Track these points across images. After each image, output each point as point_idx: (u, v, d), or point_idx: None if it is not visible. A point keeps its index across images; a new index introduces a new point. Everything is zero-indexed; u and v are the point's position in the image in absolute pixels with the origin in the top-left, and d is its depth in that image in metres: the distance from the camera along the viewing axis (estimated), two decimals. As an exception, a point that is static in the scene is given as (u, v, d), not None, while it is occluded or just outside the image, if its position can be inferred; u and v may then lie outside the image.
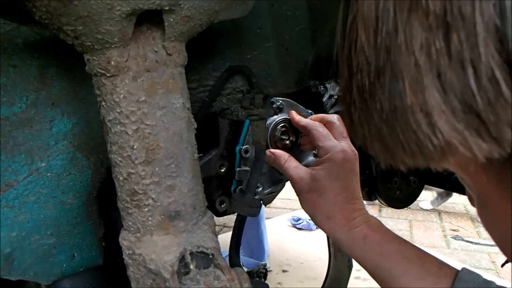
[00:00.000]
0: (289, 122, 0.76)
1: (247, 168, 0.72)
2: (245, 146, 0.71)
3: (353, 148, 0.65)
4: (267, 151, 0.69)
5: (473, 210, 2.70)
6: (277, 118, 0.74)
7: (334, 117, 0.69)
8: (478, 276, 0.52)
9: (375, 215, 0.63)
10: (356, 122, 0.32)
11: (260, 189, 0.75)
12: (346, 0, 0.32)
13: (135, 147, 0.46)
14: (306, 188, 0.64)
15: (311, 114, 0.79)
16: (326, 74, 0.79)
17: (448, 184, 1.18)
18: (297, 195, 0.66)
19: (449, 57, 0.25)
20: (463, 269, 0.53)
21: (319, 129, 0.67)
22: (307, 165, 0.79)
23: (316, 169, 0.64)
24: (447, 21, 0.25)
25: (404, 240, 0.59)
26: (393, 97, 0.28)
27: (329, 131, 0.68)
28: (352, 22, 0.30)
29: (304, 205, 0.65)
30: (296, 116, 0.73)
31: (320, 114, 0.73)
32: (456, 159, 0.27)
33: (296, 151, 0.77)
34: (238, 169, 0.71)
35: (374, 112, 0.29)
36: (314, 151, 0.80)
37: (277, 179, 0.78)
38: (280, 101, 0.75)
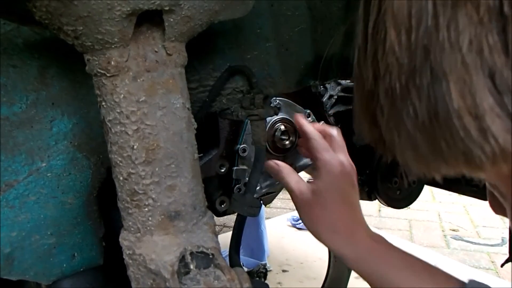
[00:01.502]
0: (288, 122, 0.76)
1: (245, 167, 0.72)
2: (242, 146, 0.71)
3: (351, 162, 0.64)
4: (271, 162, 0.68)
5: (473, 210, 2.70)
6: (274, 118, 0.74)
7: (334, 131, 0.68)
8: (486, 286, 0.52)
9: (374, 215, 0.63)
10: (384, 129, 0.29)
11: (258, 188, 0.75)
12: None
13: (135, 147, 0.46)
14: (308, 202, 0.62)
15: (309, 114, 0.79)
16: (326, 74, 0.79)
17: (449, 184, 1.18)
18: (298, 209, 0.64)
19: (505, 54, 0.23)
20: (471, 281, 0.52)
21: (319, 140, 0.66)
22: (304, 166, 0.79)
23: (316, 183, 0.62)
24: (504, 13, 0.22)
25: (409, 254, 0.59)
26: (433, 100, 0.25)
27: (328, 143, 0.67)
28: (377, 21, 0.28)
29: (307, 220, 0.63)
30: (301, 120, 0.71)
31: (321, 125, 0.72)
32: (509, 166, 0.25)
33: (293, 151, 0.77)
34: (235, 168, 0.72)
35: (407, 118, 0.27)
36: None
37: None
38: (278, 101, 0.75)
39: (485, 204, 0.28)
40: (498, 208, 0.38)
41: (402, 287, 0.55)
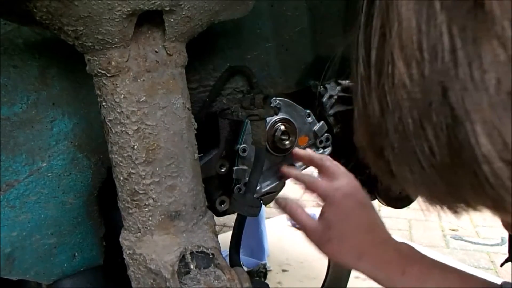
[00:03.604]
0: (288, 122, 0.76)
1: (245, 167, 0.72)
2: (242, 145, 0.71)
3: (350, 181, 0.63)
4: (280, 198, 0.68)
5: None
6: (274, 118, 0.74)
7: (321, 159, 0.68)
8: None
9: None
10: (394, 164, 0.27)
11: (258, 188, 0.75)
12: (367, 21, 0.27)
13: (135, 147, 0.46)
14: (325, 238, 0.61)
15: (309, 114, 0.79)
16: (326, 74, 0.79)
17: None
18: (317, 247, 0.63)
19: None
20: (505, 283, 0.51)
21: (309, 179, 0.66)
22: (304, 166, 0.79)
23: (325, 217, 0.61)
24: None
25: (443, 265, 0.56)
26: (455, 142, 0.23)
27: (322, 174, 0.67)
28: (381, 51, 0.25)
29: (331, 255, 0.62)
30: (287, 170, 0.72)
31: (309, 155, 0.72)
32: None
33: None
34: (235, 168, 0.72)
35: (422, 157, 0.24)
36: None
37: (275, 177, 0.79)
38: (278, 101, 0.75)
39: (486, 211, 0.27)
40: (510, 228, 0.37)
41: None
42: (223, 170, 0.71)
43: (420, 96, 0.23)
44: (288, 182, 0.79)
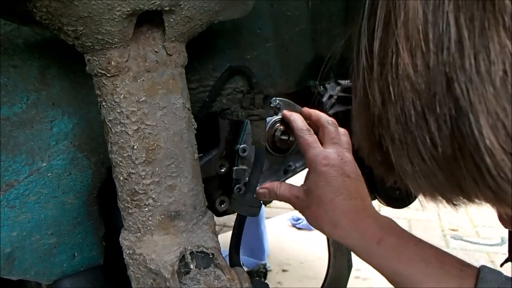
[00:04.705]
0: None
1: (245, 167, 0.72)
2: (242, 145, 0.71)
3: (341, 153, 0.63)
4: (259, 189, 0.68)
5: (472, 210, 2.71)
6: (273, 118, 0.74)
7: (328, 121, 0.67)
8: (499, 274, 0.50)
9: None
10: (393, 155, 0.27)
11: (258, 187, 0.75)
12: (370, 10, 0.27)
13: (135, 147, 0.46)
14: (305, 204, 0.62)
15: None
16: (326, 74, 0.79)
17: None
18: (301, 214, 0.65)
19: None
20: (483, 267, 0.50)
21: (305, 137, 0.65)
22: (304, 166, 0.79)
23: (306, 183, 0.63)
24: None
25: (421, 240, 0.56)
26: (458, 133, 0.23)
27: (321, 136, 0.67)
28: (384, 39, 0.25)
29: (310, 221, 0.63)
30: (289, 114, 0.71)
31: (318, 114, 0.71)
32: None
33: (293, 151, 0.78)
34: (235, 168, 0.72)
35: (423, 148, 0.24)
36: None
37: (275, 177, 0.79)
38: (278, 101, 0.75)
39: (485, 203, 0.27)
40: (509, 224, 0.37)
41: (413, 281, 0.52)
42: (223, 170, 0.71)
43: (424, 87, 0.23)
44: (288, 182, 0.79)
